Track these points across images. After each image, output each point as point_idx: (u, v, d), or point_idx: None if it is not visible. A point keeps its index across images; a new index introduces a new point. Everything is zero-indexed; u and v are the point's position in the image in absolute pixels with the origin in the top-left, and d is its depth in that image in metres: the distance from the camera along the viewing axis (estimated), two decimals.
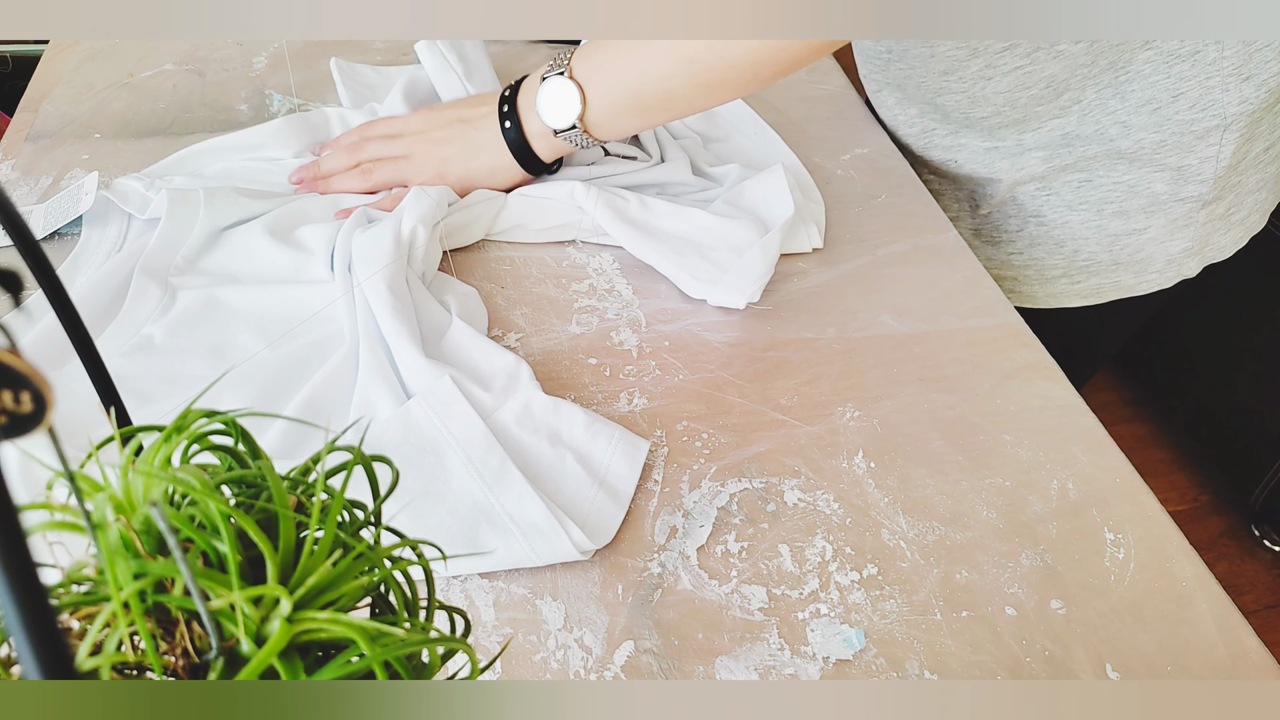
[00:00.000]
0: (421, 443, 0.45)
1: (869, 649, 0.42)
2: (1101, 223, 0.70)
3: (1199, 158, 0.65)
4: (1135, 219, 0.70)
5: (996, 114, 0.68)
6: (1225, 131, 0.64)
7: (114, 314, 0.51)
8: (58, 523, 0.19)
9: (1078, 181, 0.69)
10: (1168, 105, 0.63)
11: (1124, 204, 0.69)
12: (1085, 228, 0.71)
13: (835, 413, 0.52)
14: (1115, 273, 0.73)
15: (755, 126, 0.71)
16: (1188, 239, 0.70)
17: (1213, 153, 0.65)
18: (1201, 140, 0.64)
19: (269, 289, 0.54)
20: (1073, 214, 0.71)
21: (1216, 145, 0.65)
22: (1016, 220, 0.74)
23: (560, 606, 0.42)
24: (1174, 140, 0.65)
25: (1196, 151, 0.65)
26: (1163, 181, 0.67)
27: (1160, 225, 0.70)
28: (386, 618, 0.22)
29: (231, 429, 0.22)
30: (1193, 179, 0.67)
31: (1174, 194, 0.68)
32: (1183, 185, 0.67)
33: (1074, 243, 0.72)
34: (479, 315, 0.55)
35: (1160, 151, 0.66)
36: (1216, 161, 0.65)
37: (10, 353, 0.14)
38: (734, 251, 0.58)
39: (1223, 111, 0.63)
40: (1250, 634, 0.44)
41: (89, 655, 0.18)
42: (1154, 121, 0.64)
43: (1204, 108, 0.63)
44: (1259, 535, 1.52)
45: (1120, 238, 0.71)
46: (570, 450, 0.46)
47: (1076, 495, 0.49)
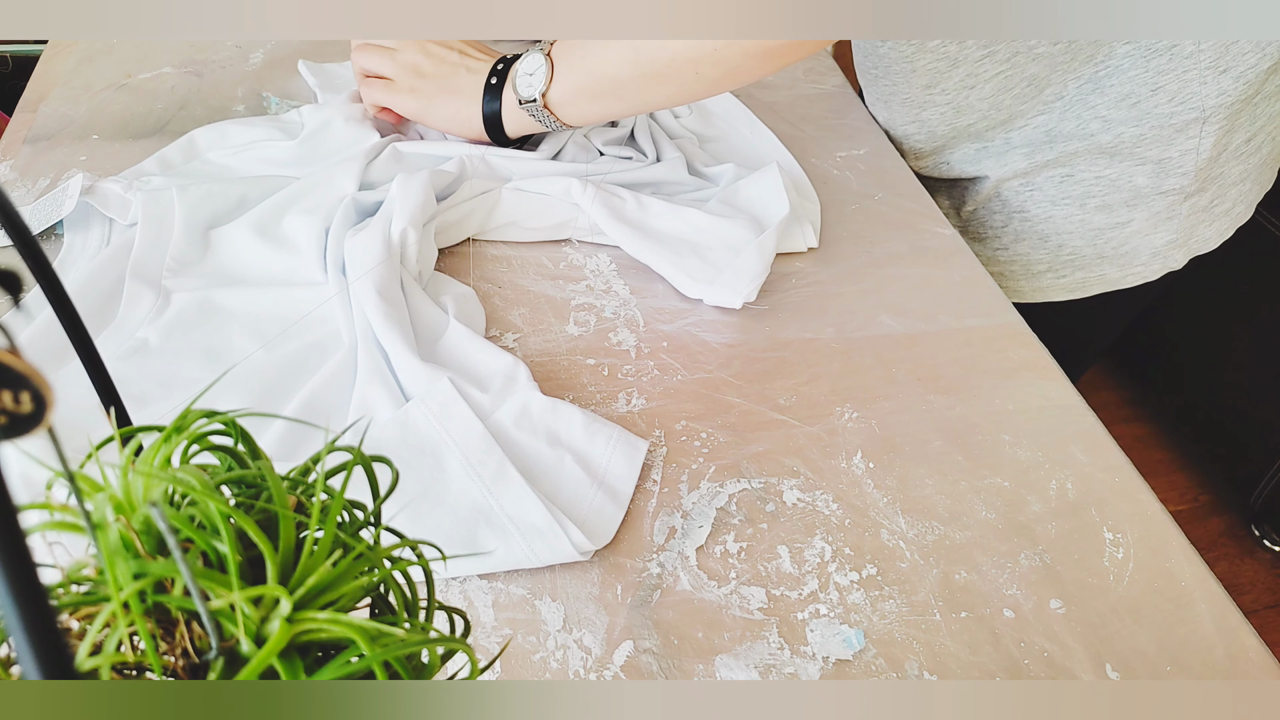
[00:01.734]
0: (420, 444, 0.45)
1: (868, 649, 0.42)
2: (1085, 217, 0.71)
3: (1179, 150, 0.66)
4: (1118, 212, 0.70)
5: (983, 118, 0.69)
6: (1204, 124, 0.64)
7: (103, 317, 0.51)
8: (58, 523, 0.19)
9: (1060, 176, 0.70)
10: (1146, 99, 0.64)
11: (1106, 198, 0.69)
12: (1069, 222, 0.71)
13: (834, 413, 0.52)
14: (1100, 266, 0.73)
15: (751, 126, 0.71)
16: (1172, 231, 0.71)
17: (1193, 145, 0.65)
18: (1181, 133, 0.65)
19: (264, 291, 0.53)
20: (1056, 209, 0.71)
21: (1196, 138, 0.65)
22: (1001, 216, 0.74)
23: (559, 607, 0.42)
24: (1154, 134, 0.65)
25: (1177, 144, 0.65)
26: (1144, 175, 0.67)
27: (1143, 218, 0.70)
28: (386, 618, 0.22)
29: (231, 429, 0.22)
30: (1174, 171, 0.67)
31: (1156, 187, 0.68)
32: (1164, 178, 0.67)
33: (1058, 237, 0.72)
34: (476, 315, 0.55)
35: (1141, 145, 0.66)
36: (1197, 154, 0.66)
37: (10, 353, 0.14)
38: (730, 251, 0.58)
39: (1201, 104, 0.63)
40: (1250, 634, 0.44)
41: (89, 655, 0.18)
42: (1133, 115, 0.65)
43: (1182, 100, 0.63)
44: (1259, 535, 1.53)
45: (1104, 231, 0.71)
46: (569, 451, 0.46)
47: (1076, 495, 0.49)
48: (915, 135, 0.75)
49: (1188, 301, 1.46)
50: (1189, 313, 1.51)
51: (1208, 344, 1.49)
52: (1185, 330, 1.53)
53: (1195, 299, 1.46)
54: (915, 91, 0.70)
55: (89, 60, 0.76)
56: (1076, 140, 0.67)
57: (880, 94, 0.75)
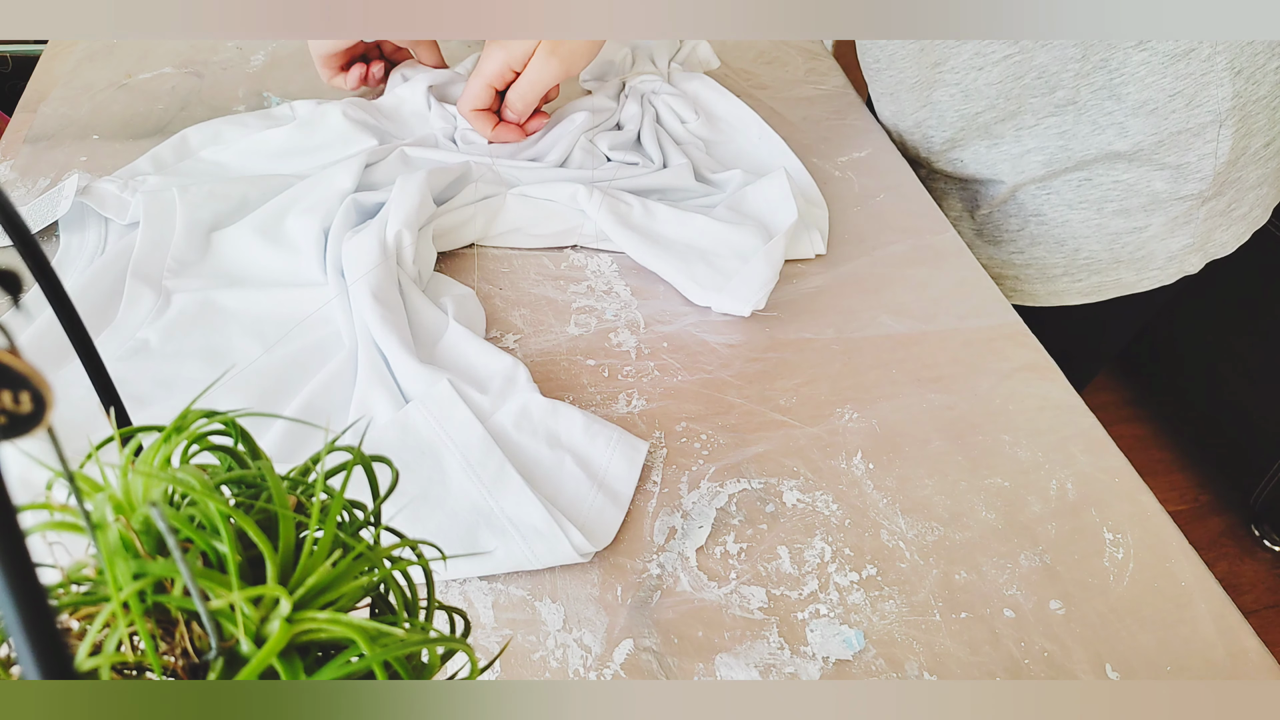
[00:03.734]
0: (420, 446, 0.45)
1: (868, 649, 0.42)
2: (1102, 221, 0.70)
3: (1198, 154, 0.65)
4: (1136, 217, 0.70)
5: (991, 107, 0.69)
6: (1221, 127, 0.64)
7: (102, 319, 0.51)
8: (57, 523, 0.19)
9: (1077, 180, 0.70)
10: (1164, 105, 0.63)
11: (1124, 202, 0.69)
12: (1085, 226, 0.71)
13: (834, 413, 0.52)
14: (1116, 270, 0.73)
15: (760, 131, 0.71)
16: (1189, 235, 0.71)
17: (1211, 149, 0.65)
18: (1198, 137, 0.65)
19: (265, 292, 0.53)
20: (1073, 213, 0.71)
21: (1214, 141, 0.65)
22: (1017, 220, 0.74)
23: (559, 608, 0.42)
24: (1171, 139, 0.65)
25: (1195, 149, 0.65)
26: (1162, 180, 0.67)
27: (1161, 223, 0.70)
28: (386, 618, 0.22)
29: (231, 429, 0.22)
30: (1192, 176, 0.67)
31: (1174, 192, 0.68)
32: (1183, 183, 0.67)
33: (1075, 241, 0.72)
34: (476, 316, 0.55)
35: (1159, 151, 0.66)
36: (1215, 158, 0.65)
37: (10, 353, 0.14)
38: (738, 258, 0.58)
39: (1218, 108, 0.63)
40: (1250, 634, 0.44)
41: (89, 655, 0.18)
42: (1151, 123, 0.64)
43: (1199, 104, 0.63)
44: (1259, 535, 1.53)
45: (1121, 235, 0.71)
46: (569, 452, 0.46)
47: (1075, 495, 0.49)
48: (927, 123, 0.74)
49: (1188, 302, 1.46)
50: (1189, 313, 1.51)
51: (1208, 344, 1.49)
52: (1185, 330, 1.53)
53: (1196, 299, 1.46)
54: (924, 70, 0.70)
55: (89, 59, 0.76)
56: (1094, 148, 0.67)
57: (887, 86, 0.75)
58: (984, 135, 0.71)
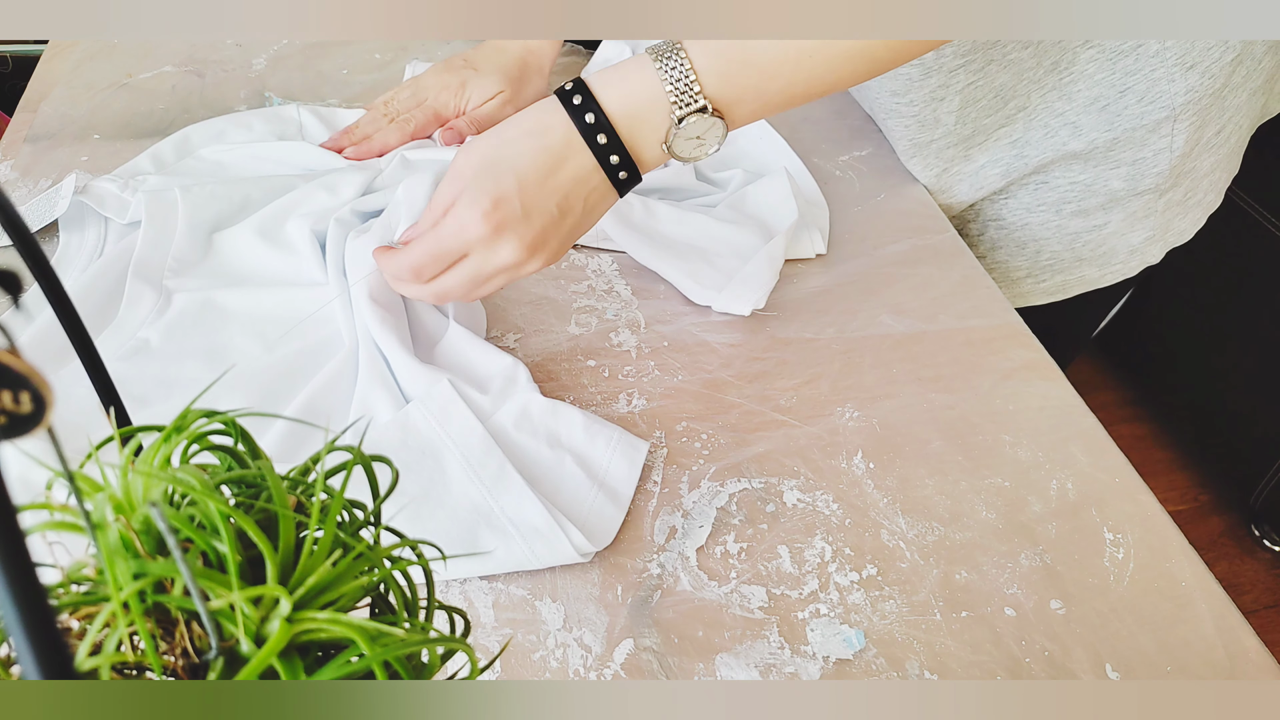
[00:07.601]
0: (420, 446, 0.45)
1: (869, 649, 0.42)
2: (1061, 222, 0.71)
3: (1153, 150, 0.65)
4: (1094, 216, 0.70)
5: (947, 134, 0.68)
6: (1175, 121, 0.64)
7: (103, 319, 0.51)
8: (58, 523, 0.19)
9: (1035, 184, 0.70)
10: (1115, 101, 0.63)
11: (1082, 203, 0.69)
12: (1045, 228, 0.71)
13: (834, 413, 0.52)
14: (1079, 268, 0.73)
15: (760, 131, 0.71)
16: (1149, 228, 0.71)
17: (1165, 144, 0.65)
18: (1153, 133, 0.64)
19: (266, 292, 0.53)
20: (1032, 216, 0.71)
21: (1169, 136, 0.65)
22: (976, 225, 0.74)
23: (559, 608, 0.42)
24: (1126, 136, 0.65)
25: (1150, 145, 0.65)
26: (1119, 178, 0.67)
27: (1120, 219, 0.70)
28: (386, 618, 0.22)
29: (231, 429, 0.22)
30: (1149, 172, 0.67)
31: (1131, 188, 0.68)
32: (1140, 179, 0.67)
33: (1036, 244, 0.72)
34: (477, 316, 0.55)
35: (1114, 149, 0.66)
36: (1170, 152, 0.65)
37: (10, 353, 0.14)
38: (739, 257, 0.58)
39: (1171, 102, 0.63)
40: (1250, 634, 0.44)
41: (89, 655, 0.18)
42: (1104, 120, 0.64)
43: (1152, 100, 0.63)
44: (1259, 535, 1.52)
45: (1081, 235, 0.71)
46: (569, 452, 0.46)
47: (1076, 495, 0.49)
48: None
49: (1188, 302, 1.46)
50: (1189, 313, 1.50)
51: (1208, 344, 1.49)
52: (1185, 331, 1.53)
53: (1196, 300, 1.46)
54: (883, 97, 0.70)
55: (90, 59, 0.76)
56: (1049, 150, 0.67)
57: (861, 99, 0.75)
58: (934, 158, 0.71)
